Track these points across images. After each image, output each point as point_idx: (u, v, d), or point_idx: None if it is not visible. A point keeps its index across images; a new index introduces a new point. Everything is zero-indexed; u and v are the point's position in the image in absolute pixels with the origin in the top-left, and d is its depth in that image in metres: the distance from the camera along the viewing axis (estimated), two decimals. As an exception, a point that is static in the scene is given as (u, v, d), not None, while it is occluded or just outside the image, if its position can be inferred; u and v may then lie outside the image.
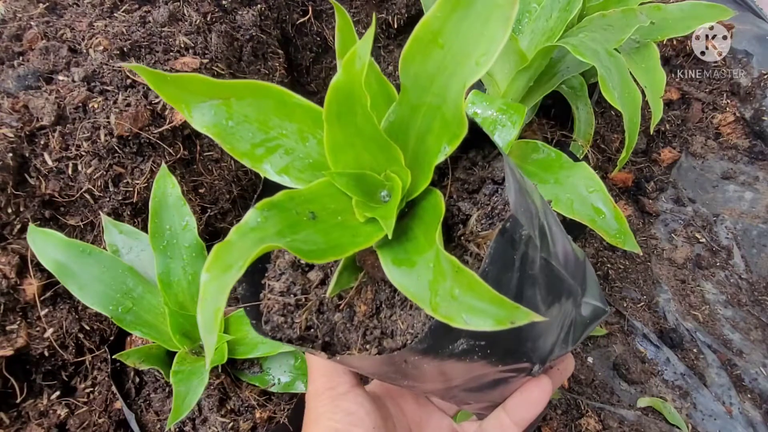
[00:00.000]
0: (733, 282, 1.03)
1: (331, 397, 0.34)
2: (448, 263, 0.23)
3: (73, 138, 0.68)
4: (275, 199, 0.26)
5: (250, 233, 0.25)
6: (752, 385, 0.90)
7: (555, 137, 0.86)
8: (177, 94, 0.28)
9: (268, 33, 0.95)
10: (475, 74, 0.26)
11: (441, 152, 0.27)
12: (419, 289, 0.24)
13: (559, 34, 0.66)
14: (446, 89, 0.27)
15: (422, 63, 0.27)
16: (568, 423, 0.83)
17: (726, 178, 1.14)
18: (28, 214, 0.66)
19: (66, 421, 0.71)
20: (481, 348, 0.28)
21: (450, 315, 0.22)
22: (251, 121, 0.29)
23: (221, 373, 0.64)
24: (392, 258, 0.26)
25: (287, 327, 0.31)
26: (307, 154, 0.30)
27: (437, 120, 0.27)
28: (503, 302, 0.22)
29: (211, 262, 0.23)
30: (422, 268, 0.25)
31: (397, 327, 0.29)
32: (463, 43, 0.26)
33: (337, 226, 0.28)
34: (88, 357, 0.73)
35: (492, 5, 0.25)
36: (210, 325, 0.22)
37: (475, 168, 0.31)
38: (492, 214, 0.29)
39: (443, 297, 0.23)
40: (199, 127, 0.28)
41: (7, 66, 0.72)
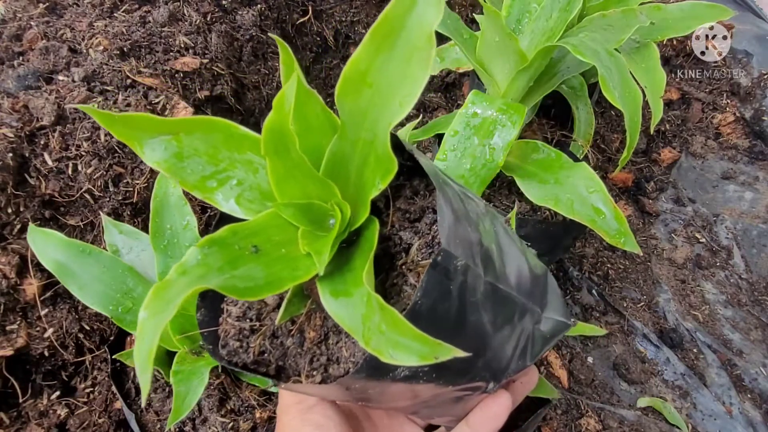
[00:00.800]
0: (733, 282, 1.03)
1: (299, 410, 0.34)
2: (374, 300, 0.24)
3: (73, 138, 0.68)
4: (216, 235, 0.27)
5: (190, 271, 0.25)
6: (752, 385, 0.90)
7: (555, 137, 0.86)
8: (127, 132, 0.28)
9: (267, 33, 0.95)
10: (398, 114, 0.27)
11: (375, 187, 0.28)
12: (353, 321, 0.25)
13: (559, 34, 0.66)
14: (376, 125, 0.28)
15: (354, 100, 0.28)
16: (568, 423, 0.83)
17: (726, 178, 1.14)
18: (28, 214, 0.66)
19: (66, 421, 0.71)
20: (425, 373, 0.29)
21: (379, 349, 0.23)
22: (201, 154, 0.30)
23: (221, 373, 0.64)
24: (330, 289, 0.27)
25: (242, 351, 0.31)
26: (257, 185, 0.30)
27: (372, 154, 0.28)
28: (425, 339, 0.22)
29: (149, 301, 0.24)
30: (357, 301, 0.25)
31: (341, 354, 0.29)
32: (389, 82, 0.27)
33: (280, 258, 0.28)
34: (88, 357, 0.73)
35: (411, 47, 0.26)
36: (144, 363, 0.23)
37: (417, 197, 0.32)
38: (432, 243, 0.30)
39: (373, 331, 0.24)
40: (151, 162, 0.29)
41: (7, 66, 0.72)
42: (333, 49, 1.13)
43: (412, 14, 0.26)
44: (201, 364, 0.57)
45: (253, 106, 0.92)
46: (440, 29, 0.70)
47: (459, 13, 1.01)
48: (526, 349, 0.37)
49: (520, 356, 0.37)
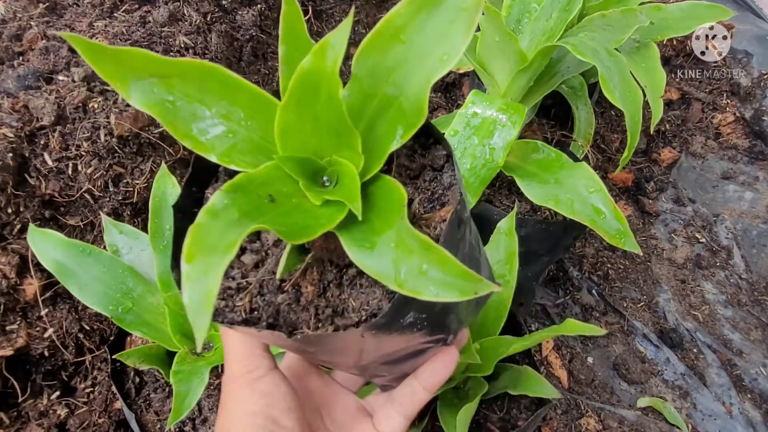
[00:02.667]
0: (733, 282, 1.03)
1: (248, 380, 0.34)
2: (415, 240, 0.25)
3: (73, 138, 0.68)
4: (237, 181, 0.27)
5: (220, 214, 0.25)
6: (752, 385, 0.90)
7: (555, 137, 0.86)
8: (114, 70, 0.27)
9: (268, 33, 0.95)
10: (438, 70, 0.27)
11: (395, 139, 0.28)
12: (383, 267, 0.26)
13: (559, 34, 0.66)
14: (406, 81, 0.28)
15: (381, 55, 0.28)
16: (568, 423, 0.83)
17: (726, 178, 1.14)
18: (28, 214, 0.66)
19: (66, 421, 0.71)
20: (422, 321, 0.30)
21: (418, 289, 0.24)
22: (193, 100, 0.29)
23: (221, 372, 0.64)
24: (352, 239, 0.27)
25: (229, 311, 0.31)
26: (249, 138, 0.30)
27: (393, 109, 0.29)
28: (470, 275, 0.24)
29: (191, 246, 0.23)
30: (384, 248, 0.26)
31: (348, 305, 0.30)
32: (426, 41, 0.27)
33: (296, 209, 0.28)
34: (88, 357, 0.73)
35: (457, 9, 0.27)
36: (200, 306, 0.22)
37: (416, 156, 0.34)
38: (432, 198, 0.31)
39: (409, 273, 0.25)
40: (139, 105, 0.28)
41: (7, 66, 0.72)
42: (333, 49, 1.13)
43: None
44: (201, 364, 0.57)
45: (253, 106, 0.92)
46: (440, 29, 0.70)
47: (459, 13, 1.01)
48: (473, 307, 0.41)
49: (470, 313, 0.40)
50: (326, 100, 0.27)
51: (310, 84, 0.27)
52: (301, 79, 0.27)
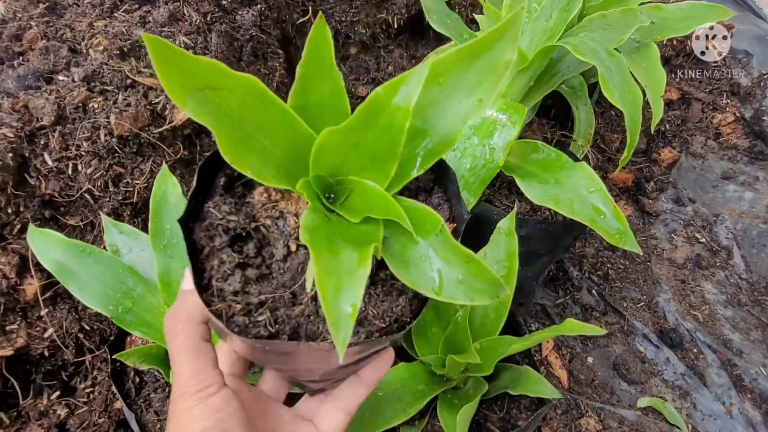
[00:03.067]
0: (733, 282, 1.03)
1: (200, 397, 0.35)
2: (460, 255, 0.30)
3: (73, 138, 0.68)
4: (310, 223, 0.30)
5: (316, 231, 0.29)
6: (752, 385, 0.90)
7: (555, 137, 0.86)
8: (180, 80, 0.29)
9: (268, 33, 0.95)
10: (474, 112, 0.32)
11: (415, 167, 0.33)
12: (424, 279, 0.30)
13: (559, 34, 0.66)
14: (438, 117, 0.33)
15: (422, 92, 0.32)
16: (568, 423, 0.83)
17: (726, 178, 1.14)
18: (28, 214, 0.66)
19: (66, 421, 0.71)
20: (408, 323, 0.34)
21: (454, 296, 0.29)
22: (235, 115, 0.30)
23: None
24: (388, 256, 0.31)
25: (252, 326, 0.32)
26: (278, 156, 0.32)
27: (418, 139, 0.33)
28: (496, 281, 0.29)
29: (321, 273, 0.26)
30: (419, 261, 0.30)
31: (366, 314, 0.32)
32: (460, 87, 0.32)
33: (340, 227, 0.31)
34: (88, 357, 0.73)
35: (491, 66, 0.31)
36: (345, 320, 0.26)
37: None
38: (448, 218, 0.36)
39: (446, 283, 0.29)
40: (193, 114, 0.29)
41: (7, 66, 0.72)
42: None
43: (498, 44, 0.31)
44: (201, 364, 0.57)
45: (253, 106, 0.91)
46: (440, 29, 0.71)
47: (459, 13, 1.01)
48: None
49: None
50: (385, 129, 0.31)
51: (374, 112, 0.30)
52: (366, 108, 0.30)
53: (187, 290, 0.36)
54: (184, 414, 0.34)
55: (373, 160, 0.31)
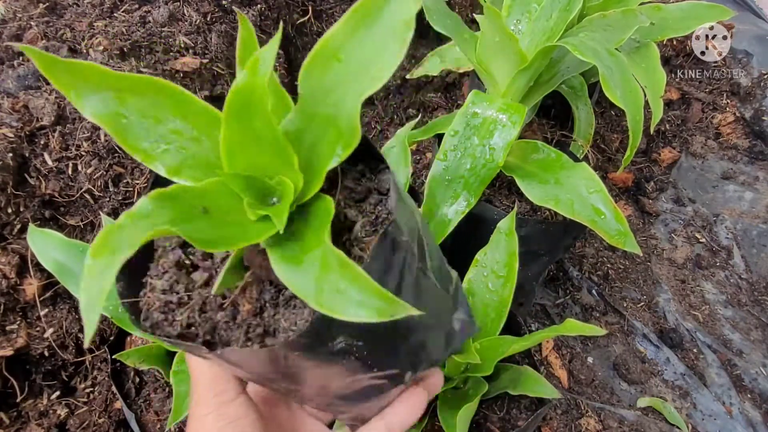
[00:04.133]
0: (733, 282, 1.03)
1: (216, 404, 0.34)
2: (335, 258, 0.25)
3: (73, 138, 0.68)
4: (168, 190, 0.27)
5: (141, 219, 0.26)
6: (752, 385, 0.90)
7: (555, 137, 0.86)
8: (68, 80, 0.27)
9: (268, 33, 0.95)
10: (371, 87, 0.27)
11: (334, 157, 0.28)
12: (305, 284, 0.25)
13: (559, 34, 0.65)
14: (343, 100, 0.28)
15: (320, 75, 0.29)
16: (568, 423, 0.83)
17: (726, 178, 1.14)
18: (28, 214, 0.66)
19: (66, 421, 0.71)
20: (359, 348, 0.30)
21: (333, 307, 0.24)
22: (147, 117, 0.29)
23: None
24: (281, 255, 0.27)
25: (167, 325, 0.31)
26: (201, 155, 0.30)
27: (332, 129, 0.29)
28: (385, 295, 0.23)
29: (98, 244, 0.24)
30: (309, 265, 0.26)
31: (279, 325, 0.30)
32: (362, 59, 0.28)
33: (229, 222, 0.29)
34: (88, 357, 0.73)
35: (391, 28, 0.27)
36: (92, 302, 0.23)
37: (363, 179, 0.33)
38: (376, 222, 0.31)
39: (328, 291, 0.25)
40: (91, 116, 0.28)
41: (7, 66, 0.72)
42: (333, 49, 1.13)
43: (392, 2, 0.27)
44: (201, 364, 0.57)
45: (253, 106, 0.92)
46: (440, 29, 0.70)
47: (459, 13, 1.01)
48: (440, 344, 0.39)
49: (435, 350, 0.38)
50: (261, 117, 0.27)
51: (245, 100, 0.27)
52: (236, 95, 0.27)
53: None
54: (199, 422, 0.34)
55: (279, 155, 0.29)
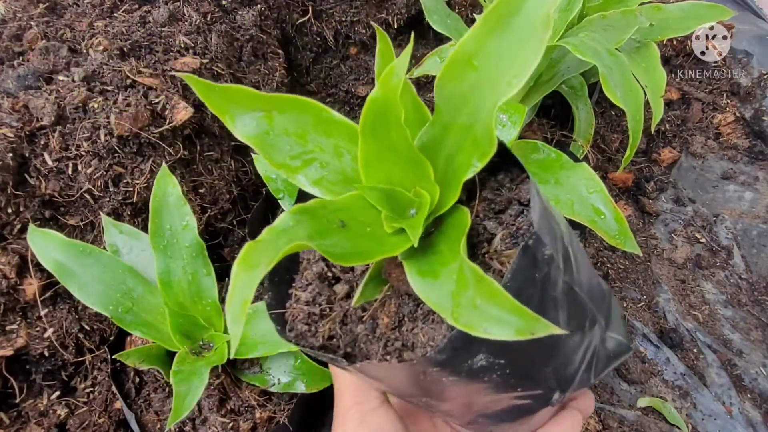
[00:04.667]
0: (733, 282, 1.03)
1: (360, 412, 0.34)
2: (471, 273, 0.24)
3: (73, 138, 0.68)
4: (308, 205, 0.28)
5: (281, 234, 0.26)
6: (752, 385, 0.90)
7: (555, 137, 0.86)
8: (222, 104, 0.29)
9: (268, 33, 0.95)
10: (506, 93, 0.26)
11: (471, 168, 0.28)
12: (441, 299, 0.25)
13: (559, 35, 0.66)
14: (478, 109, 0.28)
15: (456, 84, 0.28)
16: (568, 423, 0.83)
17: (726, 178, 1.14)
18: (28, 214, 0.66)
19: (66, 421, 0.71)
20: (500, 367, 0.28)
21: (471, 324, 0.23)
22: (290, 134, 0.31)
23: (221, 373, 0.64)
24: (417, 269, 0.27)
25: (310, 335, 0.32)
26: (341, 169, 0.31)
27: (468, 139, 0.28)
28: (524, 312, 0.22)
29: (241, 258, 0.24)
30: (445, 279, 0.25)
31: (417, 339, 0.29)
32: (497, 64, 0.27)
33: (366, 235, 0.29)
34: (88, 357, 0.73)
35: (527, 29, 0.26)
36: (237, 315, 0.23)
37: (502, 190, 0.32)
38: (516, 234, 0.29)
39: (465, 307, 0.24)
40: (241, 136, 0.30)
41: (7, 66, 0.72)
42: (333, 49, 1.13)
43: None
44: (201, 364, 0.57)
45: (253, 106, 0.91)
46: (440, 29, 0.70)
47: (459, 13, 1.01)
48: (591, 364, 0.37)
49: (585, 370, 0.36)
50: (396, 128, 0.28)
51: (380, 112, 0.28)
52: (371, 107, 0.28)
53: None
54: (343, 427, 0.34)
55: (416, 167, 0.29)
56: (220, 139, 0.85)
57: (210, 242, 0.83)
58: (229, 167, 0.85)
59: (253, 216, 0.84)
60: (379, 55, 0.31)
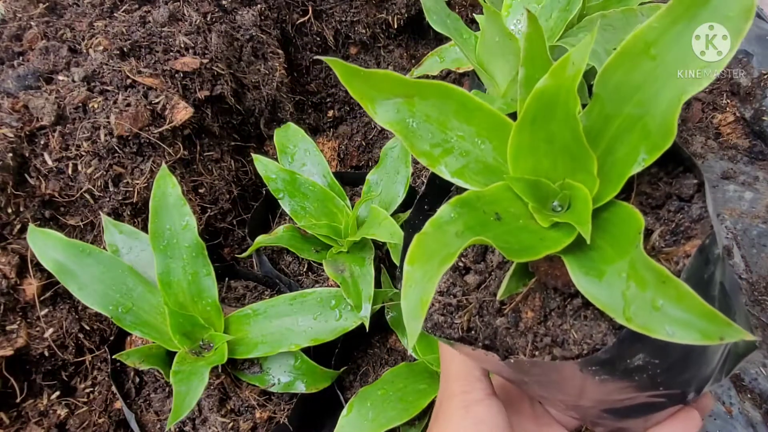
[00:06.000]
0: (733, 282, 1.03)
1: (465, 401, 0.33)
2: (652, 273, 0.23)
3: (73, 138, 0.68)
4: (465, 196, 0.27)
5: (444, 226, 0.26)
6: (752, 385, 0.90)
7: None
8: (364, 89, 0.29)
9: (268, 33, 0.95)
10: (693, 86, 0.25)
11: (637, 163, 0.27)
12: (610, 298, 0.24)
13: (558, 34, 0.65)
14: (653, 100, 0.26)
15: (627, 73, 0.27)
16: (568, 423, 0.83)
17: (726, 178, 1.14)
18: (28, 214, 0.66)
19: (66, 421, 0.71)
20: (653, 366, 0.27)
21: (649, 326, 0.22)
22: (432, 121, 0.30)
23: (221, 373, 0.64)
24: (579, 266, 0.26)
25: (447, 326, 0.32)
26: (482, 158, 0.30)
27: (635, 131, 0.27)
28: (716, 316, 0.21)
29: (412, 253, 0.24)
30: (613, 278, 0.24)
31: (569, 336, 0.29)
32: (681, 56, 0.26)
33: (521, 228, 0.28)
34: (88, 357, 0.73)
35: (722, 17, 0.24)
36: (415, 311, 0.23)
37: (660, 183, 0.31)
38: (677, 231, 0.28)
39: (640, 307, 0.23)
40: (383, 122, 0.29)
41: (7, 66, 0.72)
42: (333, 49, 1.13)
43: None
44: (201, 364, 0.57)
45: (253, 106, 0.92)
46: (440, 29, 0.70)
47: (459, 13, 1.01)
48: (724, 362, 0.36)
49: (719, 370, 0.35)
50: (563, 119, 0.27)
51: (547, 102, 0.27)
52: (537, 97, 0.27)
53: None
54: (446, 416, 0.33)
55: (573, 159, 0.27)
56: (220, 139, 0.85)
57: (210, 242, 0.83)
58: (229, 167, 0.85)
59: (253, 216, 0.84)
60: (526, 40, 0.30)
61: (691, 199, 0.30)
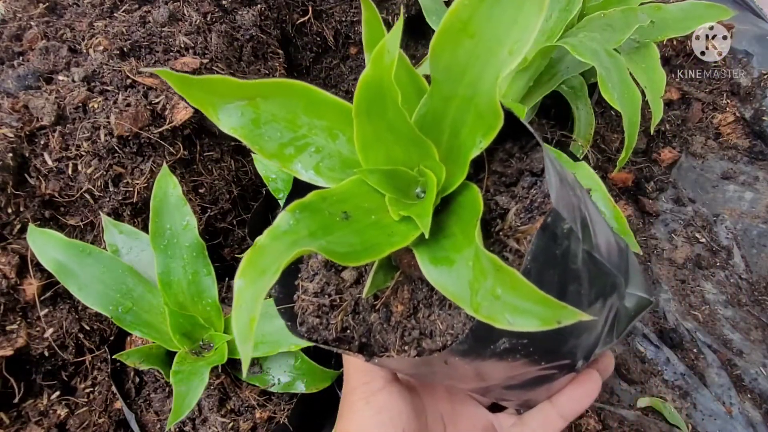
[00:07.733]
0: (733, 282, 1.03)
1: (365, 392, 0.33)
2: (488, 261, 0.22)
3: (73, 138, 0.68)
4: (306, 200, 0.26)
5: (282, 236, 0.24)
6: (752, 385, 0.90)
7: (555, 137, 0.86)
8: (202, 97, 0.27)
9: (268, 33, 0.95)
10: (508, 63, 0.24)
11: (476, 146, 0.26)
12: (459, 288, 0.23)
13: (558, 34, 0.65)
14: (479, 80, 0.26)
15: (452, 53, 0.26)
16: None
17: (726, 178, 1.14)
18: (28, 214, 0.66)
19: (66, 421, 0.71)
20: (524, 346, 0.27)
21: (492, 315, 0.22)
22: (279, 120, 0.28)
23: (221, 373, 0.64)
24: (430, 257, 0.25)
25: (323, 328, 0.31)
26: (338, 152, 0.29)
27: (471, 112, 0.26)
28: (549, 301, 0.21)
29: (244, 268, 0.22)
30: (461, 267, 0.24)
31: (436, 327, 0.28)
32: (495, 31, 0.25)
33: (372, 225, 0.27)
34: (88, 357, 0.73)
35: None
36: (245, 333, 0.22)
37: (512, 160, 0.30)
38: (531, 208, 0.28)
39: (484, 296, 0.22)
40: (227, 129, 0.28)
41: (7, 66, 0.72)
42: (333, 49, 1.13)
43: None
44: (201, 364, 0.57)
45: (253, 106, 0.92)
46: (440, 29, 0.71)
47: (459, 13, 1.01)
48: (613, 325, 0.35)
49: (608, 333, 0.35)
50: (393, 108, 0.26)
51: (375, 92, 0.26)
52: (365, 87, 0.26)
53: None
54: (348, 410, 0.33)
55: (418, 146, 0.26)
56: (220, 139, 0.85)
57: (210, 242, 0.83)
58: (229, 167, 0.85)
59: (253, 216, 0.84)
60: (365, 24, 0.28)
61: (542, 172, 0.28)
